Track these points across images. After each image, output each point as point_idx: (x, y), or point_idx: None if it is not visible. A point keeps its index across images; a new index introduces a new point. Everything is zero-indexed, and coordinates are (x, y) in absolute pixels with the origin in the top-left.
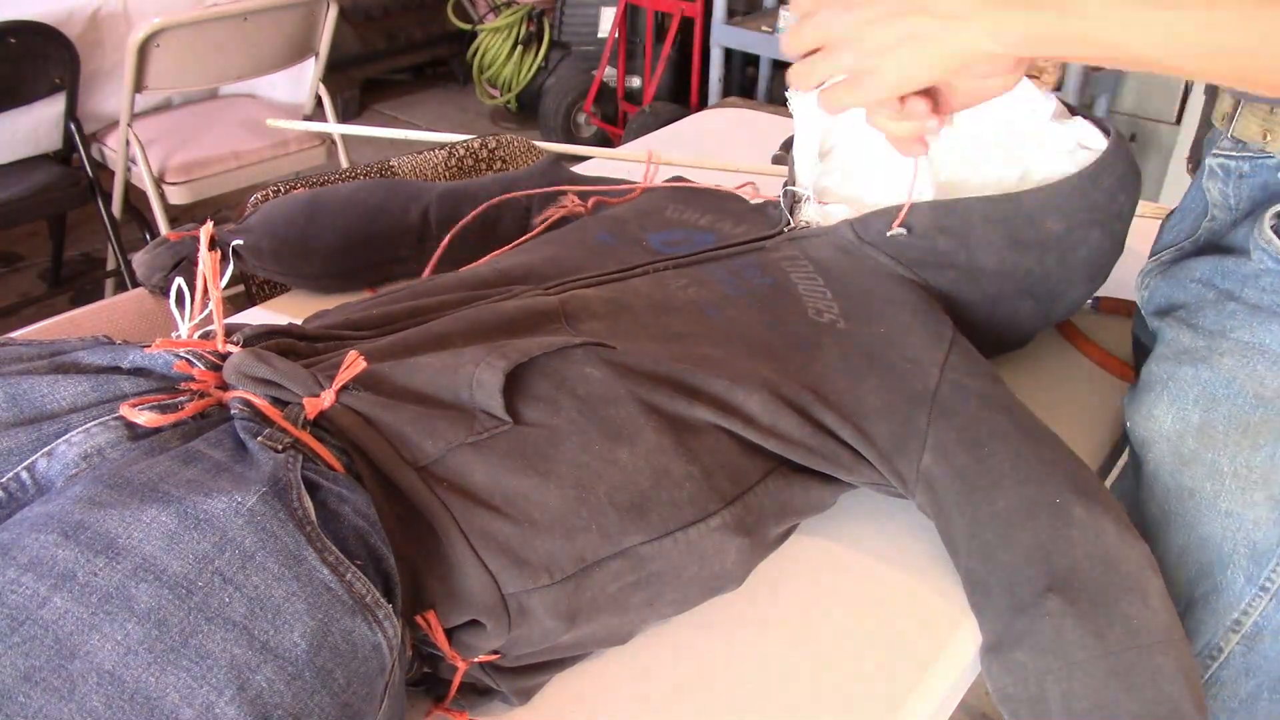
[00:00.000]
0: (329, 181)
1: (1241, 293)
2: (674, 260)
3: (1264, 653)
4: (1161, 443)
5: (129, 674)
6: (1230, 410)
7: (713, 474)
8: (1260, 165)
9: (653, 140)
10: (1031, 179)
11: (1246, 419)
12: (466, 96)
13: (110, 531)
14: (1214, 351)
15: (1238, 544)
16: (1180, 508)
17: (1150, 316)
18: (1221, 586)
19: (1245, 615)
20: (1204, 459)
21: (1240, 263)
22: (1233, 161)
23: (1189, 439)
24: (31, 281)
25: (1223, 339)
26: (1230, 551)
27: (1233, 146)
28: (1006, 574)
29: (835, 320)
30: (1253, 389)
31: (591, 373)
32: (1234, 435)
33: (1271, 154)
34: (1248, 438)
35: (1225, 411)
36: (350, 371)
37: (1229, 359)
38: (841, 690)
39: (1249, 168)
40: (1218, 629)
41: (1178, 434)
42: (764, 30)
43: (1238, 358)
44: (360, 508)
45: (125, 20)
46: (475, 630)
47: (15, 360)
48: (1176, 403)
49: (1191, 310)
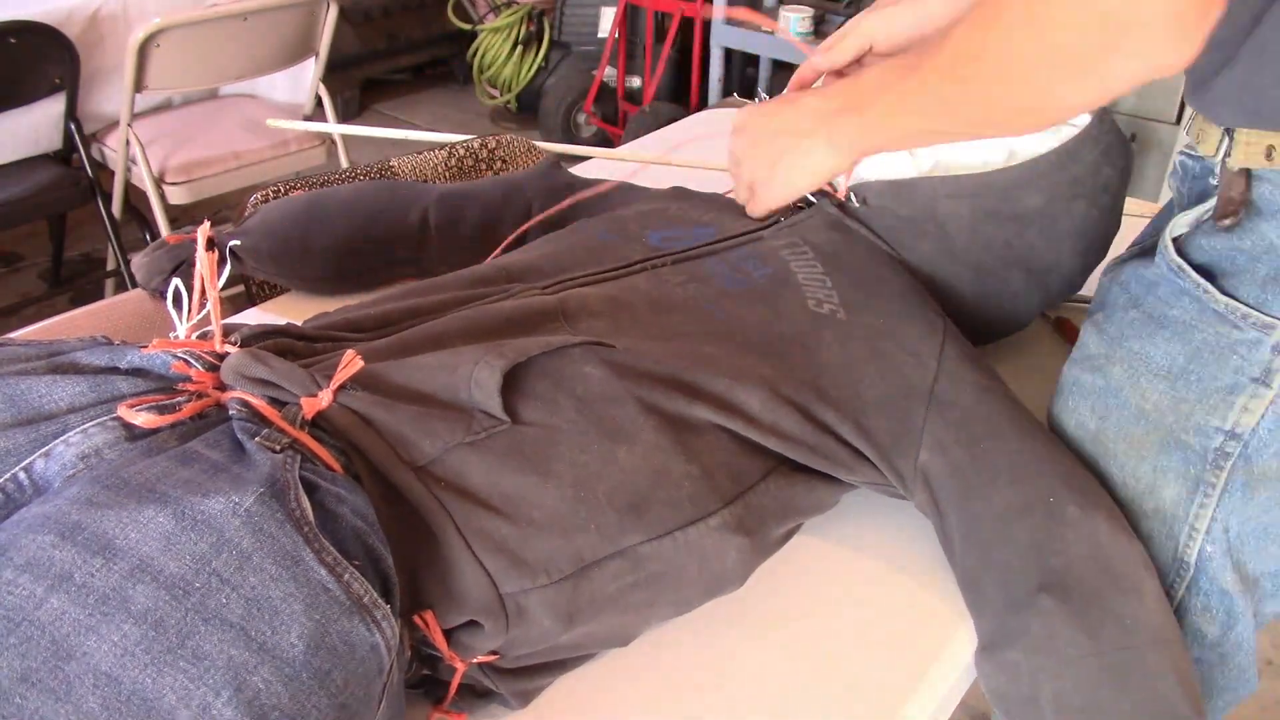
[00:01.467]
0: (329, 182)
1: (1144, 300)
2: (673, 256)
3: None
4: (1069, 446)
5: (126, 675)
6: (1118, 421)
7: (713, 473)
8: (1206, 167)
9: (653, 140)
10: (1018, 158)
11: (1131, 430)
12: (466, 96)
13: (107, 532)
14: (1110, 360)
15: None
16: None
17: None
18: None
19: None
20: (1099, 468)
21: (1148, 267)
22: (1189, 160)
23: (1087, 446)
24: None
25: (1118, 347)
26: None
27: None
28: (1000, 572)
29: (835, 311)
30: (1136, 401)
31: (590, 372)
32: (1122, 445)
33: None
34: (1134, 449)
35: (1115, 421)
36: (348, 371)
37: (1119, 369)
38: (842, 691)
39: (1198, 169)
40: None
41: (1079, 440)
42: (764, 30)
43: (1126, 368)
44: (358, 508)
45: (125, 20)
46: (473, 631)
47: (13, 361)
48: (1077, 410)
49: (1106, 314)
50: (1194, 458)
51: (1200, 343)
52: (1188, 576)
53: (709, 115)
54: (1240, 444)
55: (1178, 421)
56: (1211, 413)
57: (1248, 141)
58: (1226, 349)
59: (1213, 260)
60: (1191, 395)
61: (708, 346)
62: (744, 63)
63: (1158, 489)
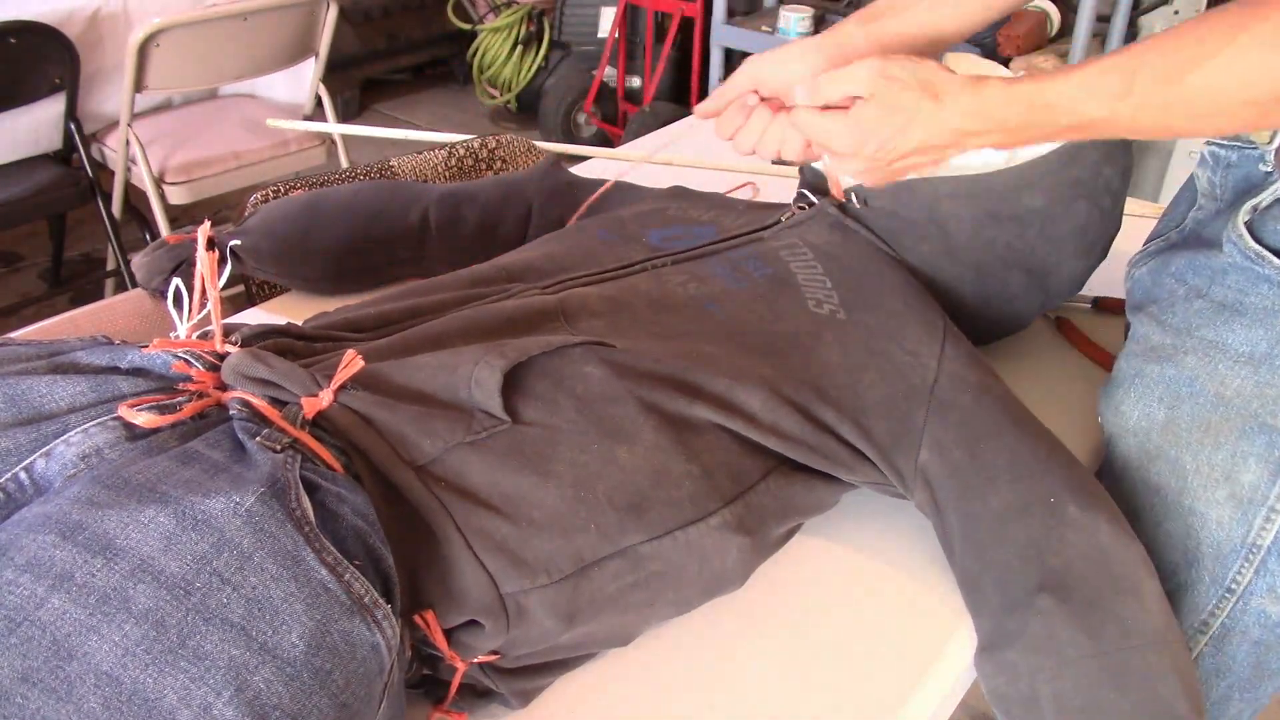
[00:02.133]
0: (329, 182)
1: (1209, 289)
2: (673, 256)
3: (1232, 654)
4: (1129, 438)
5: (127, 675)
6: (1193, 409)
7: (713, 473)
8: (1246, 156)
9: (652, 140)
10: (1019, 159)
11: (1208, 418)
12: (466, 96)
13: (108, 532)
14: (1179, 350)
15: (1201, 543)
16: (1147, 503)
17: (1129, 310)
18: (1187, 585)
19: (1212, 617)
20: (1168, 456)
21: (1212, 257)
22: (1223, 150)
23: (1154, 435)
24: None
25: (1188, 337)
26: (1195, 550)
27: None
28: (1000, 572)
29: (835, 311)
30: (1214, 388)
31: (590, 372)
32: (1196, 433)
33: (1256, 144)
34: (1209, 436)
35: (1188, 410)
36: (348, 371)
37: (1192, 357)
38: (842, 691)
39: (1236, 158)
40: (1186, 630)
41: (1144, 430)
42: (764, 30)
43: (1200, 356)
44: (359, 508)
45: (125, 20)
46: (474, 630)
47: (14, 360)
48: (1143, 399)
49: (1163, 306)
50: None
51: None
52: (1257, 559)
53: None
54: None
55: (1263, 406)
56: None
57: None
58: None
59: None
60: (1276, 379)
61: (708, 346)
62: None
63: (1235, 474)
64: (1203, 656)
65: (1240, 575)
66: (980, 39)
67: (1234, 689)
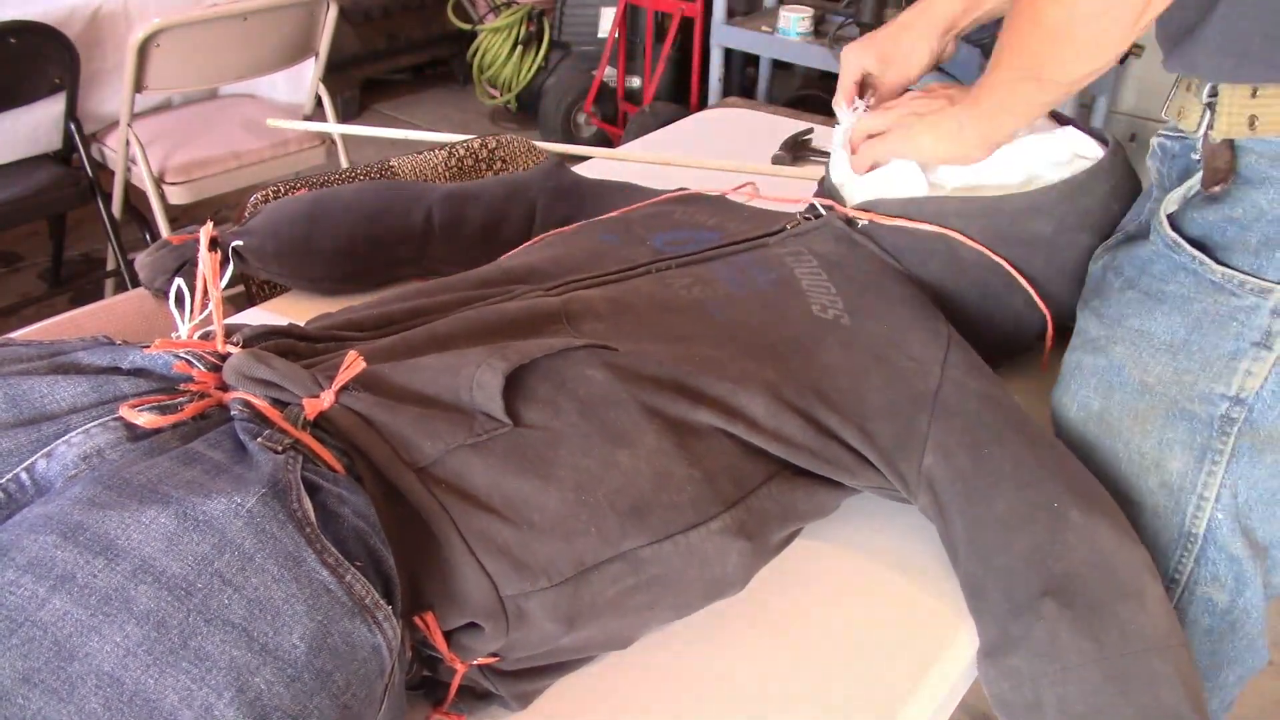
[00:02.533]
0: (329, 182)
1: (1139, 280)
2: (677, 259)
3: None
4: (1070, 429)
5: (128, 675)
6: (1122, 398)
7: (714, 477)
8: (1187, 145)
9: (653, 140)
10: (1035, 184)
11: (1136, 406)
12: (466, 96)
13: (109, 533)
14: (1110, 340)
15: (1142, 533)
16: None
17: (1079, 304)
18: None
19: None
20: (1104, 445)
21: (1143, 247)
22: (1168, 141)
23: (1091, 425)
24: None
25: (1118, 327)
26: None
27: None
28: (1003, 578)
29: (839, 316)
30: (1139, 377)
31: (593, 375)
32: (1126, 421)
33: (1186, 135)
34: (1138, 424)
35: (1119, 399)
36: (350, 372)
37: (1120, 347)
38: (842, 692)
39: (1179, 148)
40: None
41: (1082, 420)
42: (764, 30)
43: (1128, 345)
44: (360, 509)
45: (125, 20)
46: (474, 632)
47: (15, 361)
48: (1080, 391)
49: (1103, 299)
50: (1200, 426)
51: (1199, 313)
52: (1195, 549)
53: (709, 115)
54: (1245, 409)
55: (1181, 392)
56: (1215, 380)
57: (1229, 112)
58: (1226, 316)
59: (1206, 233)
60: (1194, 365)
61: (711, 350)
62: (744, 63)
63: (1164, 462)
64: None
65: (1182, 565)
66: (979, 39)
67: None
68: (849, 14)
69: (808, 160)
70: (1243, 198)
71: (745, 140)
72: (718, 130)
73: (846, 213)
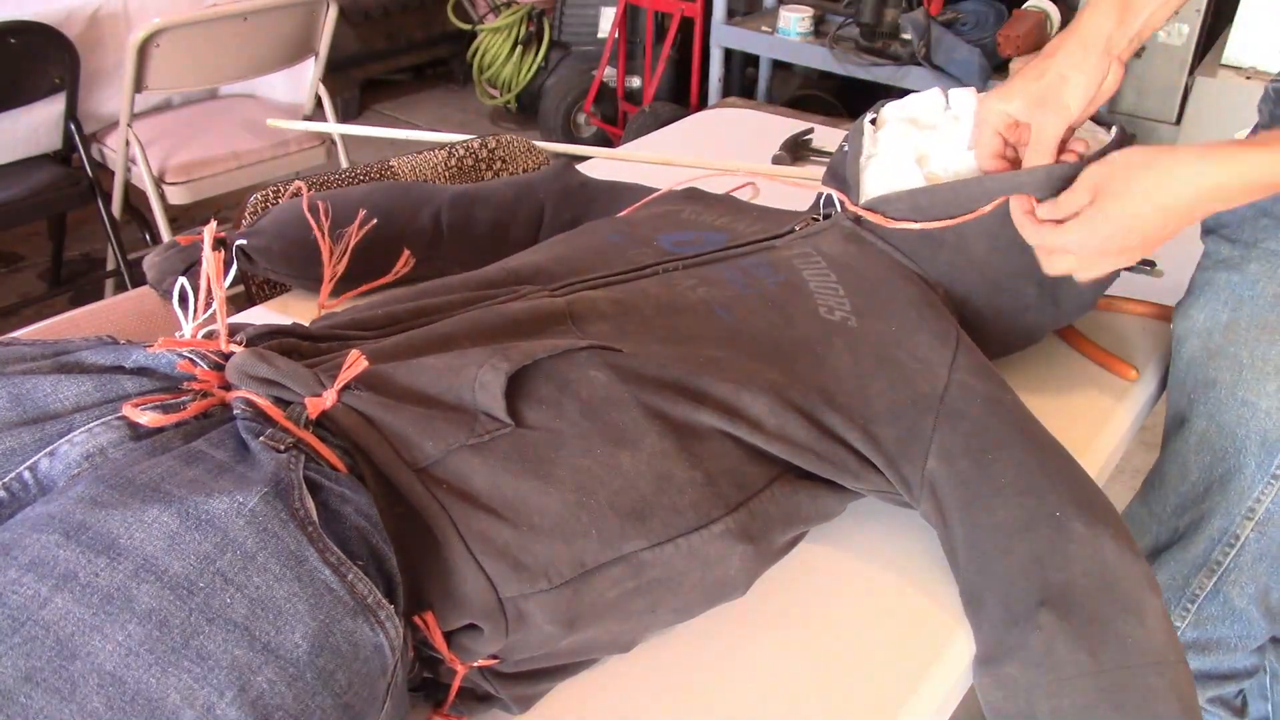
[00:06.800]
0: (329, 182)
1: (1273, 208)
2: (683, 260)
3: (1275, 538)
4: (1193, 338)
5: (130, 675)
6: (1253, 310)
7: (716, 480)
8: None
9: (653, 140)
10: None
11: (1266, 317)
12: (466, 96)
13: (112, 532)
14: (1245, 259)
15: (1250, 431)
16: (1204, 396)
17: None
18: (1235, 470)
19: (1258, 503)
20: (1227, 352)
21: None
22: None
23: (1216, 335)
24: (31, 281)
25: (1254, 248)
26: (1244, 438)
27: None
28: (1002, 586)
29: (846, 318)
30: (1273, 290)
31: (596, 376)
32: (1254, 331)
33: None
34: (1265, 333)
35: (1249, 311)
36: (352, 371)
37: (1255, 264)
38: (842, 693)
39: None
40: (1234, 516)
41: (1207, 330)
42: (764, 30)
43: (1263, 263)
44: (362, 508)
45: (125, 20)
46: (473, 633)
47: (18, 360)
48: (1210, 304)
49: (1232, 227)
50: None
51: None
52: None
53: (709, 115)
54: None
55: None
56: None
57: None
58: None
59: None
60: None
61: (716, 351)
62: (744, 63)
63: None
64: (1249, 542)
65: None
66: (980, 39)
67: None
68: (849, 14)
69: (808, 160)
70: None
71: (745, 140)
72: (718, 130)
73: (857, 211)
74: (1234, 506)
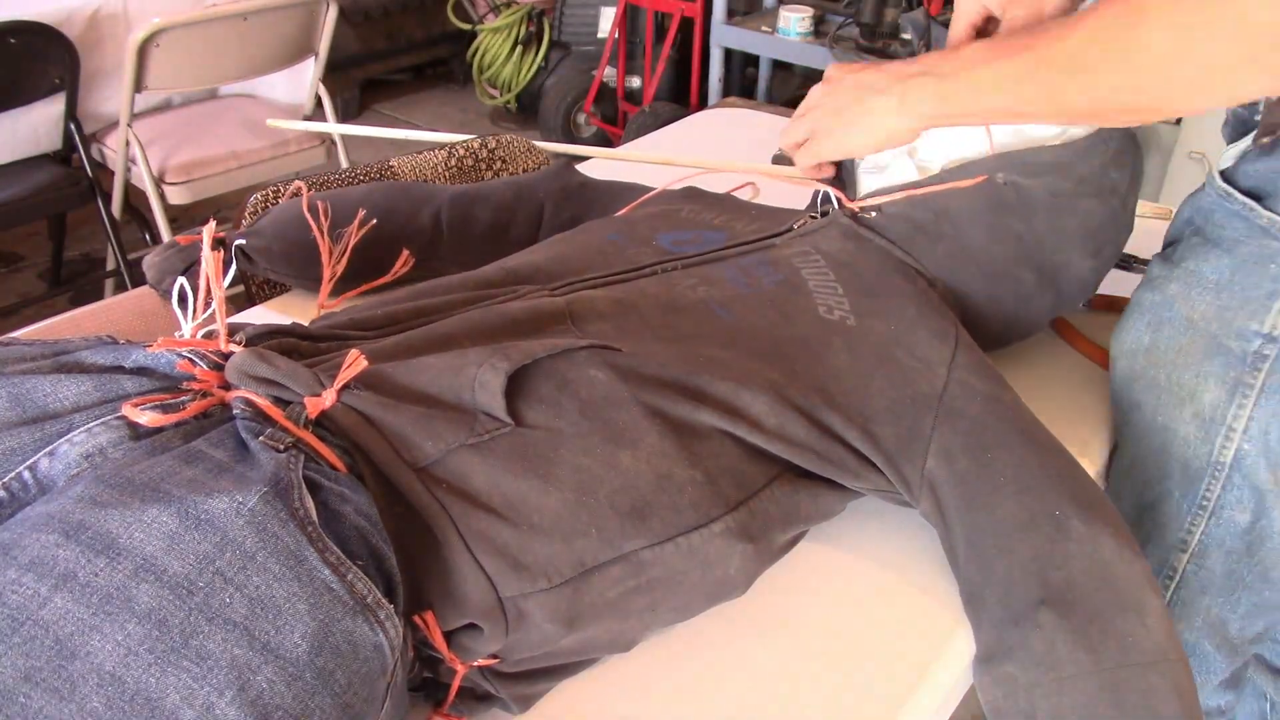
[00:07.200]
0: (329, 182)
1: (1203, 227)
2: (683, 259)
3: (1212, 568)
4: (1122, 360)
5: (130, 674)
6: (1170, 332)
7: (716, 479)
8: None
9: (653, 140)
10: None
11: (1180, 341)
12: (466, 96)
13: (111, 531)
14: (1168, 279)
15: (1172, 458)
16: (1132, 419)
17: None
18: (1163, 498)
19: (1189, 534)
20: (1148, 375)
21: (1205, 199)
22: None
23: (1140, 357)
24: (31, 281)
25: (1177, 267)
26: (1167, 465)
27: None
28: (1002, 585)
29: (845, 317)
30: (1186, 312)
31: (595, 375)
32: (1171, 354)
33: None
34: (1181, 357)
35: (1167, 333)
36: (352, 371)
37: (1174, 285)
38: (842, 693)
39: (1246, 112)
40: (1168, 547)
41: (1132, 352)
42: (764, 30)
43: (1181, 284)
44: (362, 508)
45: (125, 20)
46: (473, 633)
47: (18, 360)
48: (1135, 325)
49: (1175, 246)
50: (1234, 361)
51: (1245, 255)
52: (1223, 476)
53: (709, 115)
54: (1276, 346)
55: (1221, 328)
56: (1251, 317)
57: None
58: (1267, 259)
59: (1258, 184)
60: (1234, 302)
61: (715, 350)
62: (744, 63)
63: (1199, 393)
64: (1187, 575)
65: (1210, 492)
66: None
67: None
68: (849, 14)
69: None
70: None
71: (745, 140)
72: (718, 130)
73: (852, 207)
74: (1167, 536)
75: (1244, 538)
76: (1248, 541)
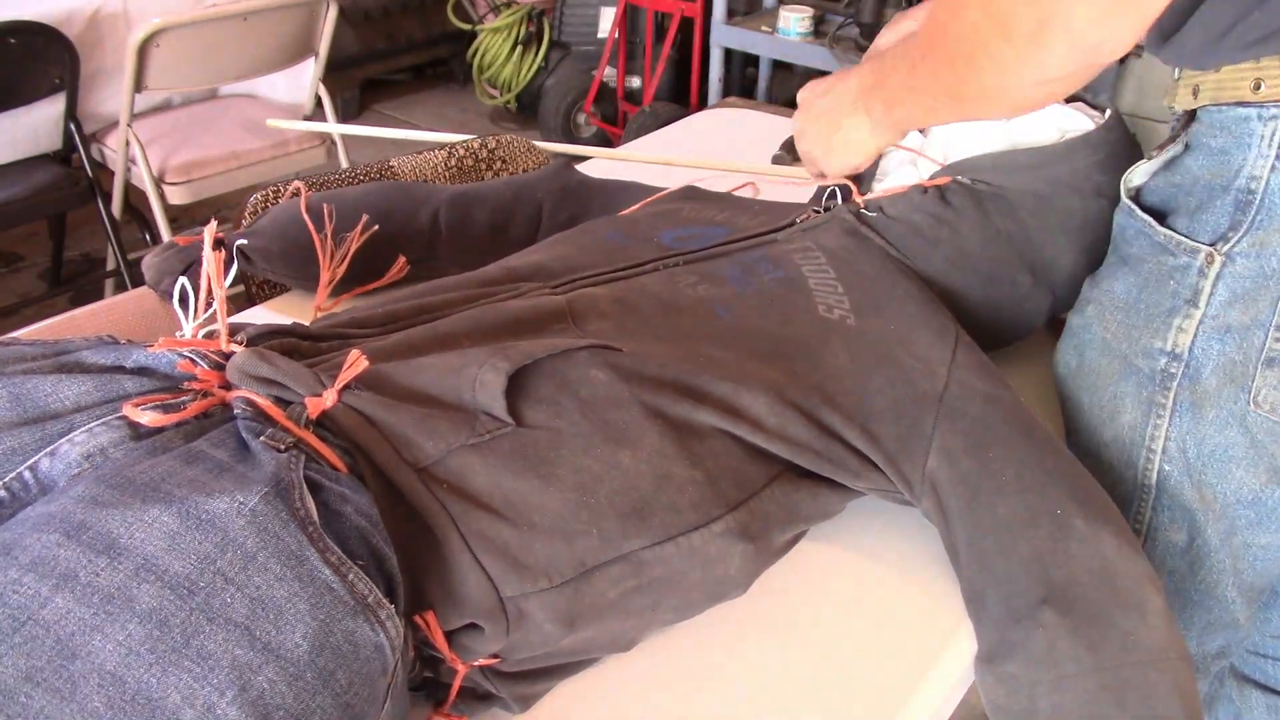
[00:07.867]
0: (329, 182)
1: (1119, 245)
2: (684, 256)
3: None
4: (1058, 383)
5: (130, 674)
6: (1091, 355)
7: (717, 479)
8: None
9: (653, 140)
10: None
11: (1098, 362)
12: (466, 96)
13: (112, 531)
14: (1087, 300)
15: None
16: (1070, 443)
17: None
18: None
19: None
20: (1076, 398)
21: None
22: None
23: (1069, 379)
24: (31, 281)
25: (1095, 288)
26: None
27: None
28: (1003, 583)
29: (845, 316)
30: (1101, 333)
31: (596, 375)
32: (1091, 377)
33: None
34: (1100, 379)
35: (1089, 356)
36: (352, 370)
37: (1092, 306)
38: (842, 692)
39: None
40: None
41: (1063, 376)
42: (764, 30)
43: (1097, 305)
44: (363, 508)
45: (125, 20)
46: (474, 633)
47: (19, 360)
48: (1065, 347)
49: (1102, 269)
50: (1145, 381)
51: (1147, 273)
52: (1150, 498)
53: (709, 115)
54: (1181, 364)
55: (1130, 347)
56: (1155, 335)
57: (1182, 85)
58: (1165, 276)
59: (1159, 200)
60: (1140, 321)
61: (715, 349)
62: (744, 63)
63: (1117, 415)
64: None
65: (1141, 514)
66: None
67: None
68: (849, 14)
69: None
70: (1184, 165)
71: (745, 140)
72: (718, 130)
73: (859, 201)
74: None
75: (1184, 558)
76: (1189, 561)
